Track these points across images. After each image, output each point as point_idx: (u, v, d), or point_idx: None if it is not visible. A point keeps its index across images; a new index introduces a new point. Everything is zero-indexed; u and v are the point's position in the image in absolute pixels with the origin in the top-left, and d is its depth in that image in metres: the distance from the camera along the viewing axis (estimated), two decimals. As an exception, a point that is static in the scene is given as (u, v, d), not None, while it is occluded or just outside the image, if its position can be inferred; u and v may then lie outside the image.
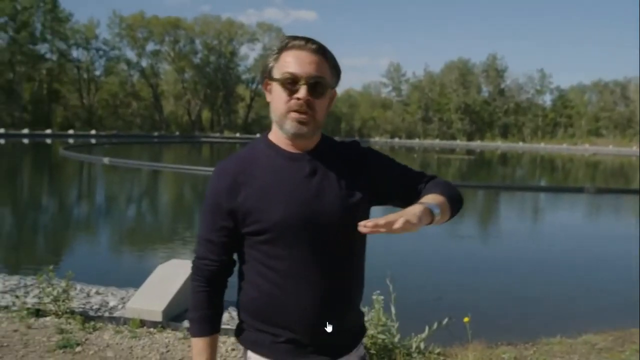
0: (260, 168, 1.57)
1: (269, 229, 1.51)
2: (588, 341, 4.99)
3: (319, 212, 1.52)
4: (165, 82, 78.06)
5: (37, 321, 4.54)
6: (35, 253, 9.20)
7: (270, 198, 1.52)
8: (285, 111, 1.52)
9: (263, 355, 1.59)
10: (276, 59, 1.55)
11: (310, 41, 1.53)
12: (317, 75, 1.51)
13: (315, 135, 1.59)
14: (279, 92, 1.52)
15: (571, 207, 17.78)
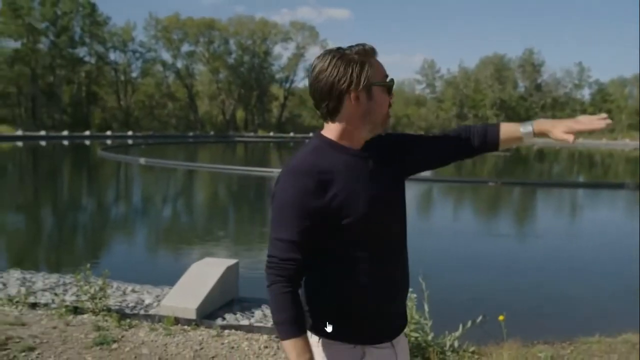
0: (336, 165, 1.62)
1: (356, 223, 1.59)
2: (628, 340, 4.85)
3: (393, 212, 1.70)
4: (200, 82, 78.98)
5: (75, 318, 4.65)
6: (73, 252, 9.41)
7: (354, 195, 1.60)
8: (386, 114, 1.67)
9: (347, 342, 1.68)
10: (371, 65, 1.61)
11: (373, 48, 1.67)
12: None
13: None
14: (384, 96, 1.65)
15: (610, 203, 17.35)
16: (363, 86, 1.58)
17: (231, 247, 9.56)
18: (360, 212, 1.58)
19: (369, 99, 1.60)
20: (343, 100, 1.59)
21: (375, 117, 1.62)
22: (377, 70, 1.60)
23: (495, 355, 4.27)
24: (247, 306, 4.98)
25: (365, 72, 1.58)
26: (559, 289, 7.08)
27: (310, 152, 1.65)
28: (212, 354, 4.04)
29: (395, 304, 1.73)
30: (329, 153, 1.63)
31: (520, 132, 1.74)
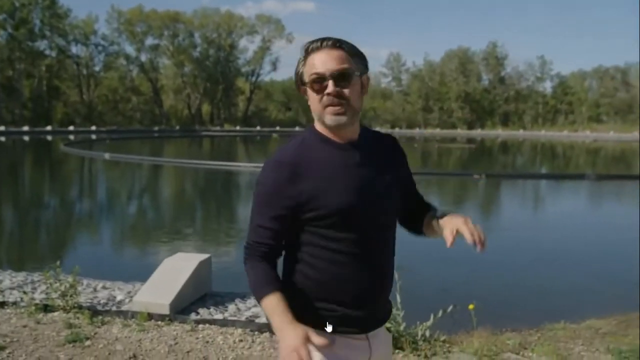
0: (316, 158, 1.68)
1: (330, 214, 1.64)
2: (592, 326, 5.02)
3: (372, 199, 1.68)
4: (165, 76, 77.96)
5: (45, 316, 4.59)
6: (40, 250, 9.25)
7: (329, 186, 1.65)
8: (321, 108, 1.65)
9: (317, 328, 1.67)
10: (304, 65, 1.68)
11: (325, 40, 1.66)
12: (339, 67, 1.63)
13: (355, 123, 1.71)
14: (312, 93, 1.66)
15: (572, 194, 17.79)
16: (299, 84, 1.71)
17: (201, 242, 9.52)
18: (335, 204, 1.62)
19: (307, 96, 1.69)
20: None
21: (313, 112, 1.68)
22: (308, 68, 1.65)
23: (465, 344, 4.36)
24: (221, 300, 4.99)
25: (300, 70, 1.69)
26: (526, 279, 7.27)
27: (294, 144, 1.71)
28: (187, 349, 4.04)
29: (372, 296, 1.73)
30: (313, 145, 1.69)
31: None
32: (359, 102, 1.69)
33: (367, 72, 1.73)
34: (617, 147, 48.71)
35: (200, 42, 77.78)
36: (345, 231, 1.66)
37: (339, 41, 1.67)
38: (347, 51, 1.66)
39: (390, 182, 1.74)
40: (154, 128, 63.82)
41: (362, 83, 1.71)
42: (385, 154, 1.80)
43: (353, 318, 1.71)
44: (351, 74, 1.64)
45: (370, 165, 1.71)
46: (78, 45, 69.39)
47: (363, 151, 1.71)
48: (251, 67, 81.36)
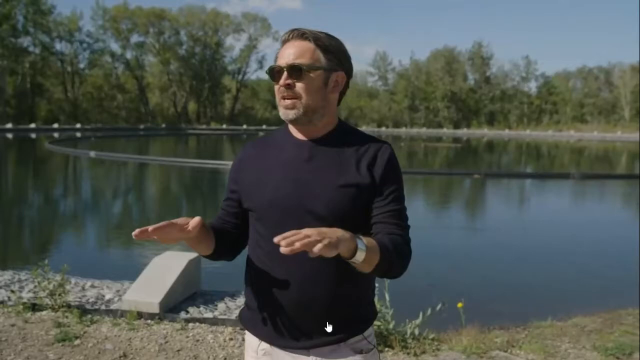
0: (267, 151, 1.69)
1: (258, 208, 1.65)
2: (578, 323, 5.09)
3: (305, 198, 1.57)
4: (151, 74, 77.47)
5: (33, 315, 4.56)
6: (25, 248, 9.18)
7: (264, 179, 1.65)
8: (277, 101, 1.62)
9: (252, 334, 1.71)
10: (277, 54, 1.63)
11: (296, 31, 1.60)
12: (292, 60, 1.57)
13: (314, 121, 1.61)
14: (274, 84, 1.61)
15: (558, 193, 17.96)
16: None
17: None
18: (263, 197, 1.62)
19: None
20: None
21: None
22: (276, 60, 1.62)
23: (454, 341, 4.40)
24: (210, 299, 4.98)
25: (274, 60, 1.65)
26: (513, 276, 7.34)
27: (267, 135, 1.78)
28: (177, 347, 4.04)
29: (310, 306, 1.59)
30: (275, 139, 1.72)
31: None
32: (316, 99, 1.58)
33: (343, 69, 1.62)
34: (600, 146, 49.22)
35: (186, 39, 77.48)
36: (269, 228, 1.59)
37: (312, 33, 1.58)
38: (317, 44, 1.58)
39: (336, 185, 1.56)
40: (140, 126, 63.40)
41: (329, 80, 1.60)
42: (357, 157, 1.61)
43: (280, 327, 1.62)
44: (304, 69, 1.55)
45: (321, 164, 1.60)
46: (62, 42, 68.76)
47: (319, 149, 1.62)
48: (237, 66, 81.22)
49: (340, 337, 1.63)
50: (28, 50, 64.93)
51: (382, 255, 1.46)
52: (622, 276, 7.21)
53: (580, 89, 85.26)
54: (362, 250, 1.39)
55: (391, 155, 1.64)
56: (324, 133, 1.65)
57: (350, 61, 1.66)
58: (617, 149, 44.68)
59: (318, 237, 1.29)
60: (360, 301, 1.68)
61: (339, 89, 1.64)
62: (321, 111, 1.61)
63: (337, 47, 1.62)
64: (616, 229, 11.31)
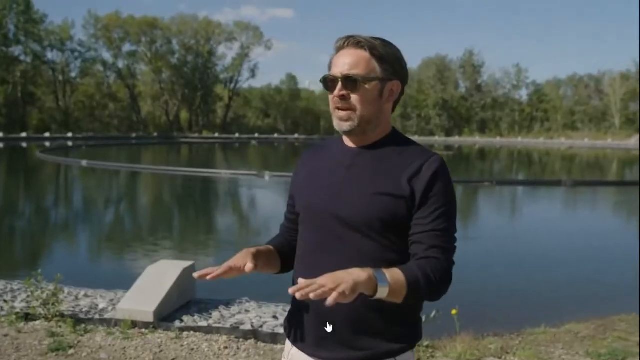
0: (319, 156, 1.71)
1: (300, 210, 1.68)
2: (571, 330, 5.11)
3: (335, 204, 1.55)
4: (143, 83, 77.29)
5: (26, 325, 4.53)
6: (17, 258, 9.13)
7: (307, 184, 1.67)
8: (332, 110, 1.60)
9: (286, 335, 1.72)
10: (330, 62, 1.60)
11: (351, 38, 1.56)
12: (347, 71, 1.53)
13: (368, 132, 1.58)
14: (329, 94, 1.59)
15: (550, 200, 18.05)
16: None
17: (182, 249, 9.48)
18: (303, 202, 1.66)
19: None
20: None
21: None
22: (330, 67, 1.59)
23: (449, 348, 4.42)
24: (205, 307, 4.97)
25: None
26: (506, 283, 7.36)
27: (324, 141, 1.79)
28: (172, 356, 4.03)
29: (321, 315, 1.54)
30: (329, 145, 1.72)
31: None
32: (371, 110, 1.55)
33: (398, 78, 1.59)
34: (591, 153, 49.54)
35: (179, 48, 77.41)
36: (304, 232, 1.66)
37: (363, 41, 1.54)
38: (373, 54, 1.54)
39: (368, 193, 1.52)
40: (132, 135, 63.23)
41: (384, 90, 1.56)
42: (393, 169, 1.55)
43: (304, 331, 1.61)
44: (359, 80, 1.52)
45: (361, 171, 1.57)
46: (54, 50, 68.49)
47: (363, 157, 1.59)
48: (230, 74, 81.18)
49: (363, 356, 1.54)
50: (19, 59, 64.71)
51: (410, 289, 1.40)
52: (615, 282, 7.27)
53: (571, 97, 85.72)
54: (384, 287, 1.35)
55: (439, 169, 1.54)
56: (373, 141, 1.60)
57: (405, 68, 1.62)
58: (607, 156, 44.98)
59: (332, 286, 1.27)
60: (394, 319, 1.54)
61: (394, 98, 1.61)
62: (375, 122, 1.58)
63: (392, 55, 1.57)
64: (609, 235, 11.38)
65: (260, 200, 17.05)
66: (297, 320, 1.64)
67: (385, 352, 1.54)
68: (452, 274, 1.53)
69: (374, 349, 1.53)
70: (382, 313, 1.52)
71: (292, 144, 59.16)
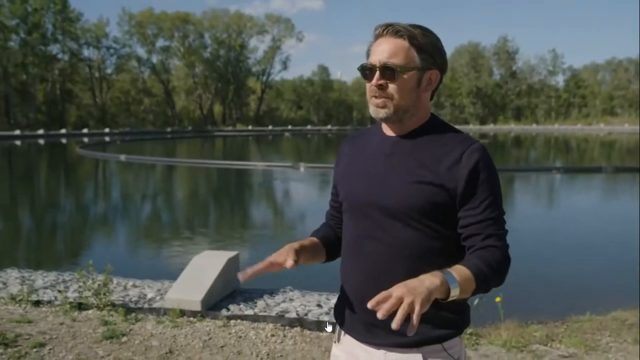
0: (359, 144, 1.72)
1: (343, 199, 1.70)
2: (618, 317, 5.05)
3: (375, 193, 1.56)
4: (176, 77, 78.24)
5: (80, 314, 4.70)
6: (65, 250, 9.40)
7: (348, 173, 1.69)
8: (368, 98, 1.59)
9: (335, 320, 1.75)
10: (368, 50, 1.60)
11: (390, 27, 1.54)
12: (385, 60, 1.52)
13: (404, 120, 1.58)
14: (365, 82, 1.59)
15: (590, 187, 17.72)
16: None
17: (224, 240, 9.62)
18: (346, 189, 1.67)
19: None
20: None
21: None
22: (368, 55, 1.59)
23: (493, 336, 4.42)
24: (250, 297, 5.07)
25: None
26: (550, 271, 7.29)
27: (365, 129, 1.80)
28: (220, 344, 4.13)
29: (365, 300, 1.44)
30: (369, 133, 1.73)
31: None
32: (408, 99, 1.54)
33: (437, 67, 1.58)
34: (631, 139, 48.30)
35: (211, 42, 78.06)
36: (347, 220, 1.67)
37: (402, 30, 1.52)
38: (412, 43, 1.52)
39: (408, 182, 1.52)
40: (167, 129, 64.09)
41: (422, 79, 1.56)
42: (433, 157, 1.53)
43: (351, 315, 1.63)
44: (397, 69, 1.50)
45: (400, 159, 1.56)
46: (90, 48, 69.89)
47: (402, 145, 1.58)
48: (262, 67, 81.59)
49: (411, 343, 1.54)
50: (57, 58, 66.16)
51: (478, 282, 1.42)
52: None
53: (610, 82, 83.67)
54: (456, 288, 1.36)
55: (481, 156, 1.52)
56: (412, 129, 1.60)
57: (444, 57, 1.61)
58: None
59: (409, 299, 1.26)
60: (443, 305, 1.45)
61: (432, 88, 1.60)
62: (412, 110, 1.57)
63: (431, 44, 1.56)
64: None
65: (296, 192, 17.16)
66: (346, 307, 1.66)
67: (433, 338, 1.55)
68: (509, 256, 1.54)
69: (422, 334, 1.51)
70: None
71: (325, 135, 59.18)
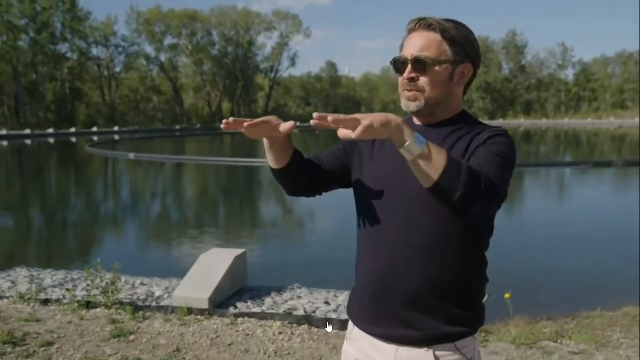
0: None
1: (361, 181, 1.63)
2: (629, 313, 4.99)
3: (397, 177, 1.53)
4: (185, 75, 78.40)
5: (88, 312, 4.71)
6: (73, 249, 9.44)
7: (372, 157, 1.64)
8: (400, 92, 1.59)
9: (350, 318, 1.71)
10: (400, 48, 1.59)
11: (423, 20, 1.54)
12: (417, 53, 1.52)
13: (435, 113, 1.57)
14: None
15: (601, 181, 17.59)
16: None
17: (232, 237, 9.63)
18: (367, 173, 1.62)
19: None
20: None
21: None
22: (401, 50, 1.58)
23: (502, 332, 4.39)
24: (257, 294, 5.06)
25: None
26: (559, 266, 7.23)
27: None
28: (228, 342, 4.12)
29: (378, 293, 1.55)
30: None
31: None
32: (439, 93, 1.53)
33: (470, 61, 1.57)
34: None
35: (218, 39, 78.10)
36: (370, 207, 1.59)
37: (434, 23, 1.52)
38: (444, 36, 1.52)
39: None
40: (176, 127, 64.23)
41: (454, 72, 1.55)
42: (457, 143, 1.54)
43: (367, 312, 1.60)
44: (428, 62, 1.50)
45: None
46: (98, 46, 70.07)
47: (427, 134, 1.48)
48: (270, 63, 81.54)
49: (422, 339, 1.52)
50: (66, 56, 66.43)
51: (450, 165, 1.30)
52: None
53: (620, 75, 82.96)
54: (421, 143, 1.28)
55: (499, 134, 1.52)
56: (439, 120, 1.59)
57: (478, 50, 1.60)
58: (660, 135, 43.42)
59: (363, 120, 1.23)
60: (454, 300, 1.52)
61: (465, 81, 1.59)
62: (444, 104, 1.57)
63: (464, 37, 1.55)
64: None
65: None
66: (356, 298, 1.65)
67: (443, 335, 1.51)
68: (500, 197, 1.42)
69: (431, 329, 1.50)
70: (442, 293, 1.50)
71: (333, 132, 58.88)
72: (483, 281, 1.63)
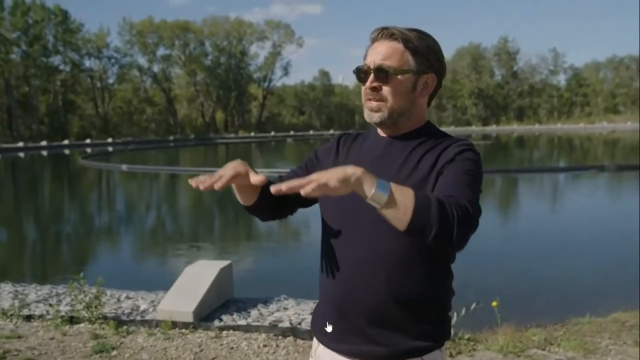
0: (354, 145, 1.66)
1: (325, 198, 1.54)
2: (618, 319, 4.96)
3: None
4: (178, 86, 78.35)
5: (71, 328, 4.64)
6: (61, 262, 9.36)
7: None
8: (363, 101, 1.57)
9: (314, 335, 1.68)
10: (364, 57, 1.58)
11: (385, 30, 1.53)
12: (380, 62, 1.51)
13: (399, 123, 1.55)
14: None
15: (593, 186, 17.60)
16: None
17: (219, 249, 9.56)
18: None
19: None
20: None
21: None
22: (364, 57, 1.57)
23: (490, 341, 4.35)
24: (243, 306, 5.01)
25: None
26: (548, 272, 7.20)
27: (362, 132, 1.74)
28: (212, 356, 4.06)
29: (354, 314, 1.52)
30: (364, 135, 1.69)
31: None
32: (402, 103, 1.52)
33: (433, 71, 1.55)
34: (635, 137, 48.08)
35: (211, 50, 78.14)
36: (332, 223, 1.57)
37: (397, 33, 1.51)
38: (407, 46, 1.51)
39: (395, 181, 1.39)
40: (169, 138, 64.09)
41: (418, 83, 1.53)
42: (422, 157, 1.51)
43: (325, 324, 1.59)
44: (390, 71, 1.49)
45: (390, 161, 1.52)
46: (91, 58, 69.94)
47: (393, 147, 1.55)
48: (263, 73, 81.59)
49: (389, 355, 1.50)
50: (59, 69, 66.30)
51: (418, 205, 1.26)
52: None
53: (612, 80, 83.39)
54: (384, 191, 1.25)
55: (466, 149, 1.49)
56: (405, 131, 1.57)
57: (442, 61, 1.59)
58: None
59: (319, 179, 1.24)
60: (420, 315, 1.51)
61: (429, 92, 1.58)
62: (407, 114, 1.55)
63: (428, 47, 1.54)
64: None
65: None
66: (320, 314, 1.63)
67: (409, 350, 1.50)
68: (476, 220, 1.35)
69: (397, 345, 1.49)
70: (407, 308, 1.49)
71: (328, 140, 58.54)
72: (449, 295, 1.60)
